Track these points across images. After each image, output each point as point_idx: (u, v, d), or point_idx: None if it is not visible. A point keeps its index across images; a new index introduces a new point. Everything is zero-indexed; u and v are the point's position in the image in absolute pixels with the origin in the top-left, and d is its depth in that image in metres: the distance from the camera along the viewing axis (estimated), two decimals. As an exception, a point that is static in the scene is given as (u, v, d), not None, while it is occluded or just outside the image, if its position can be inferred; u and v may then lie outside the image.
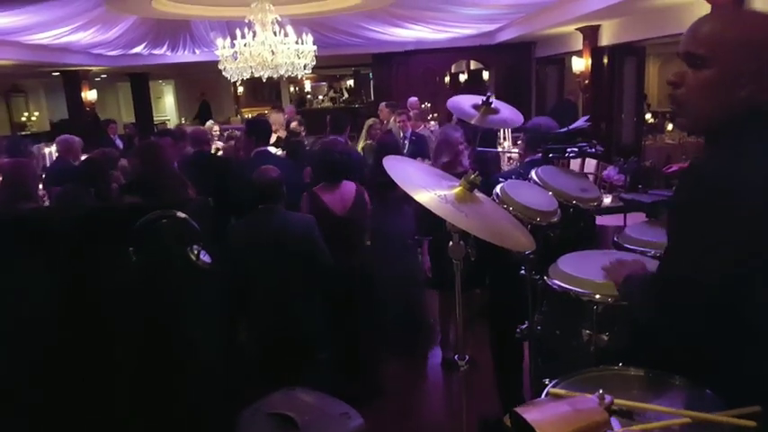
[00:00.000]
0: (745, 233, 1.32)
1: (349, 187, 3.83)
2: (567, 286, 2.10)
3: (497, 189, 2.55)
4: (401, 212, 4.40)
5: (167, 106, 20.00)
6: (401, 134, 7.25)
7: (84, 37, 9.18)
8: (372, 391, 3.89)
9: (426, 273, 4.30)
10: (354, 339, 3.93)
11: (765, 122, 1.42)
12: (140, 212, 2.35)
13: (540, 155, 2.94)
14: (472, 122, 2.83)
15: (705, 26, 1.46)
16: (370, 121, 7.42)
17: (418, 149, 6.80)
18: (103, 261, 2.51)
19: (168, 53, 11.90)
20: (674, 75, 1.50)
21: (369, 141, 6.89)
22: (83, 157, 6.32)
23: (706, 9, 6.20)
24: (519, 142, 5.25)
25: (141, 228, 2.21)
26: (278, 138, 7.58)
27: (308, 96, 21.38)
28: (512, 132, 7.77)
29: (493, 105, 2.85)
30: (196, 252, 2.14)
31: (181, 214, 2.14)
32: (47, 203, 4.71)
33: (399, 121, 7.37)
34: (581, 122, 3.00)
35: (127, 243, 2.29)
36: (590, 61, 9.52)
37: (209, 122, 9.99)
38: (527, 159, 3.27)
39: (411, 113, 8.05)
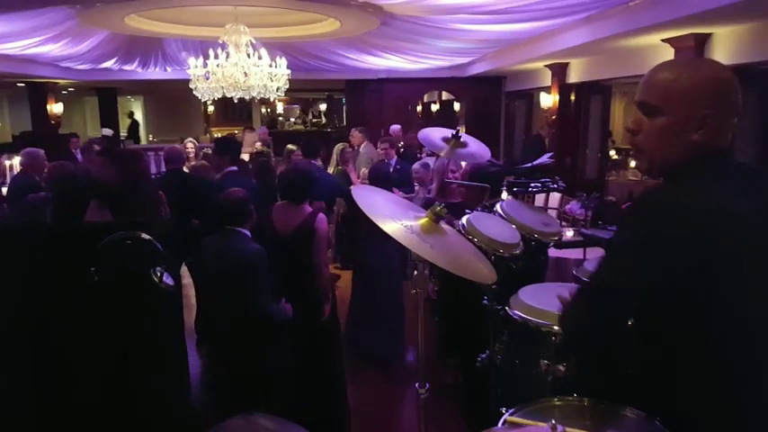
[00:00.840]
0: (677, 254, 1.39)
1: (303, 211, 3.77)
2: (526, 317, 2.15)
3: (463, 220, 2.60)
4: (388, 243, 4.41)
5: (135, 122, 19.79)
6: (386, 161, 7.28)
7: (53, 49, 9.05)
8: (334, 417, 3.87)
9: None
10: (315, 365, 3.88)
11: (717, 164, 1.52)
12: (104, 232, 2.33)
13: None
14: (441, 155, 2.89)
15: (657, 77, 1.56)
16: (340, 146, 7.45)
17: (403, 178, 6.67)
18: (64, 280, 2.47)
19: (139, 69, 11.80)
20: (633, 123, 1.60)
21: (339, 167, 6.92)
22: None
23: (669, 52, 6.47)
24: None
25: (104, 248, 2.19)
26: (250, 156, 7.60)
27: (280, 118, 21.40)
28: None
29: (462, 139, 2.91)
30: (159, 274, 2.13)
31: (145, 236, 2.13)
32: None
33: (382, 149, 7.38)
34: (545, 159, 3.08)
35: (89, 263, 2.27)
36: (557, 97, 9.77)
37: (188, 139, 9.88)
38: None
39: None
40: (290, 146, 7.61)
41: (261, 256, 3.29)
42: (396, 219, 1.91)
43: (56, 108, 12.85)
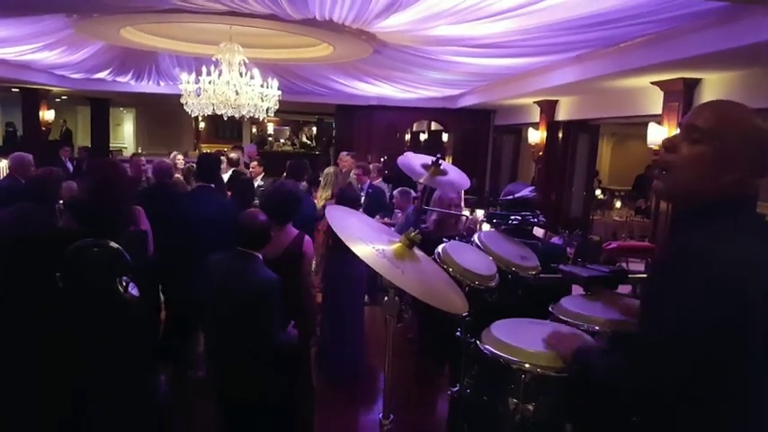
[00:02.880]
0: (726, 308, 1.39)
1: (288, 233, 3.70)
2: (497, 352, 2.10)
3: (439, 249, 2.56)
4: (356, 263, 4.37)
5: (126, 134, 19.75)
6: (359, 186, 7.35)
7: (48, 56, 9.05)
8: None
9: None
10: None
11: (745, 209, 1.53)
12: (74, 238, 2.28)
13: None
14: (421, 182, 2.87)
15: (714, 107, 1.58)
16: (331, 169, 7.45)
17: (374, 202, 6.96)
18: (31, 285, 2.40)
19: (132, 82, 11.80)
20: (670, 140, 1.60)
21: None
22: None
23: (658, 94, 6.55)
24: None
25: (71, 254, 2.14)
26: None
27: (270, 138, 21.43)
28: (464, 194, 7.95)
29: (442, 167, 2.90)
30: (125, 284, 2.08)
31: (113, 244, 2.08)
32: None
33: (356, 174, 7.48)
34: (527, 192, 3.06)
35: (55, 268, 2.21)
36: (545, 134, 9.85)
37: (174, 153, 9.91)
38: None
39: (371, 166, 8.22)
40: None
41: (278, 285, 3.12)
42: (368, 242, 1.88)
43: (48, 115, 12.82)
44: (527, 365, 2.01)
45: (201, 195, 4.64)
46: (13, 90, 12.70)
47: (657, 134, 6.54)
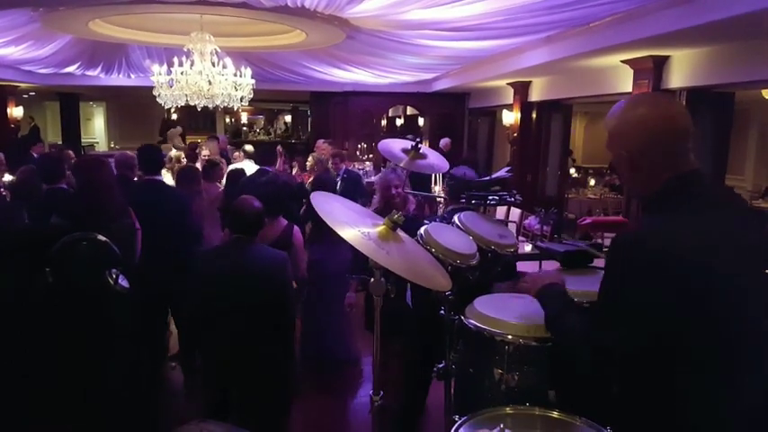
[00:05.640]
0: (676, 291, 1.48)
1: (278, 225, 3.75)
2: (481, 326, 2.18)
3: (422, 230, 2.63)
4: (339, 249, 4.42)
5: (97, 129, 19.44)
6: (335, 173, 7.41)
7: (14, 52, 8.86)
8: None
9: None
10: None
11: (680, 194, 1.61)
12: (62, 233, 2.30)
13: (463, 202, 3.05)
14: (401, 166, 2.93)
15: (611, 126, 1.75)
16: (317, 156, 7.52)
17: (349, 187, 7.01)
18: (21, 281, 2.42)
19: (102, 75, 11.62)
20: (611, 166, 1.78)
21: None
22: (6, 177, 6.05)
23: (628, 72, 6.66)
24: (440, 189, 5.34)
25: (59, 249, 2.16)
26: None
27: (244, 128, 21.26)
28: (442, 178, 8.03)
29: (421, 151, 2.96)
30: (114, 276, 2.11)
31: (101, 237, 2.11)
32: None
33: (333, 162, 7.54)
34: (502, 172, 3.14)
35: (45, 264, 2.23)
36: (519, 115, 9.95)
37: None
38: (449, 208, 3.39)
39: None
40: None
41: (287, 259, 3.18)
42: (353, 225, 1.94)
43: (16, 112, 12.56)
44: (510, 337, 2.10)
45: (147, 189, 4.47)
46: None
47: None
